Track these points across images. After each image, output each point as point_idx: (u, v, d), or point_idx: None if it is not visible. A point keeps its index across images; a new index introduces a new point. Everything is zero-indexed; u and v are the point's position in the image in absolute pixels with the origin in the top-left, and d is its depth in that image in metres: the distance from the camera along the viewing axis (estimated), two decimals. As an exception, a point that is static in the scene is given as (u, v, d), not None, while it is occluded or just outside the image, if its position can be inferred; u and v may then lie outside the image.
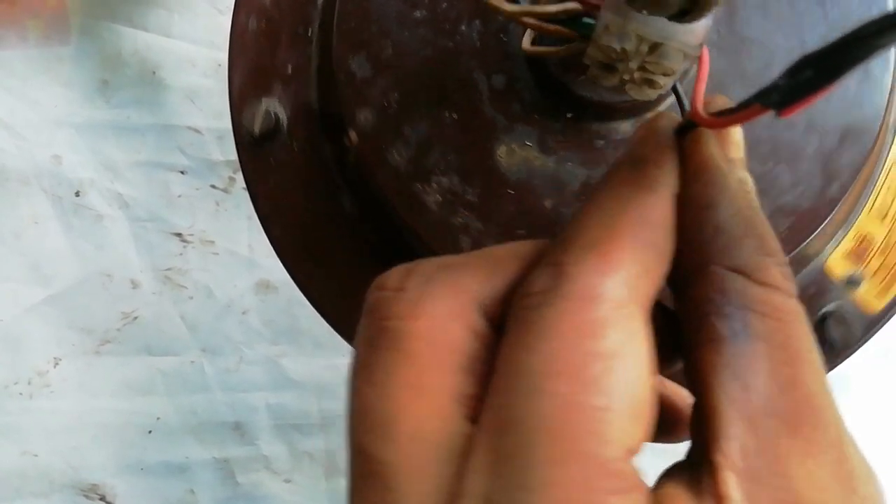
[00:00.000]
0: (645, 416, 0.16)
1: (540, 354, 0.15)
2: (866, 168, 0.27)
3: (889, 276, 0.29)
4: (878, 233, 0.29)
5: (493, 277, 0.18)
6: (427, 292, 0.17)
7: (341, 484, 0.47)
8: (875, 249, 0.29)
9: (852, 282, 0.29)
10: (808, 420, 0.16)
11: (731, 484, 0.15)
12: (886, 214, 0.29)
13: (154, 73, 0.47)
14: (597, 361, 0.15)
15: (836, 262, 0.29)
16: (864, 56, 0.13)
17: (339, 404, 0.46)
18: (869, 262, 0.29)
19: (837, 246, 0.29)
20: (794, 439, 0.15)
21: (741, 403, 0.16)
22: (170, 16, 0.47)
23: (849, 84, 0.25)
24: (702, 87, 0.18)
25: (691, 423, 0.17)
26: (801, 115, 0.21)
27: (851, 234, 0.29)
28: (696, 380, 0.17)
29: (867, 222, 0.29)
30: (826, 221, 0.26)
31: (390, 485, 0.16)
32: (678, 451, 0.18)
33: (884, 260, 0.29)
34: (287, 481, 0.47)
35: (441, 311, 0.17)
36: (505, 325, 0.17)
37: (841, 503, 0.15)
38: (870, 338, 0.28)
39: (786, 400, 0.16)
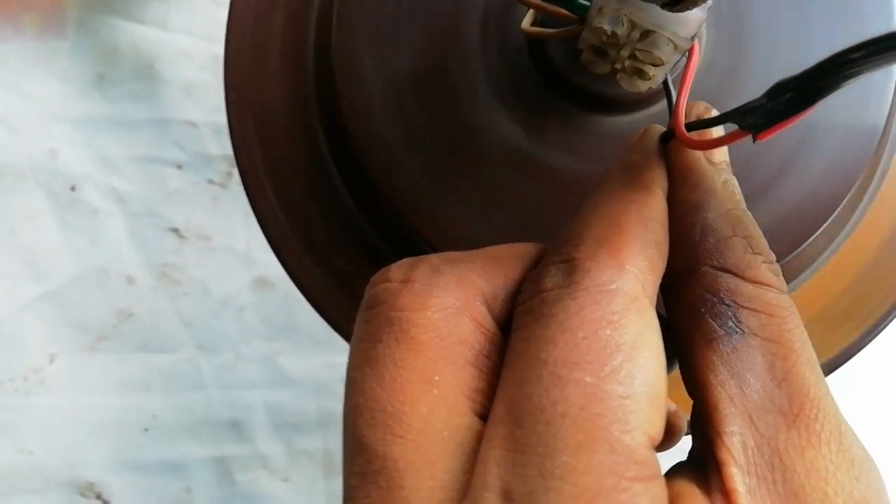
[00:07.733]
0: (663, 405, 0.16)
1: (562, 345, 0.15)
2: (870, 167, 0.26)
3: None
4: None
5: (495, 275, 0.18)
6: (434, 284, 0.17)
7: (339, 483, 0.46)
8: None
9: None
10: (805, 412, 0.16)
11: (738, 480, 0.16)
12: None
13: (151, 66, 0.46)
14: (618, 351, 0.15)
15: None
16: (843, 80, 0.14)
17: (336, 403, 0.46)
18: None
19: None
20: (792, 431, 0.16)
21: (740, 400, 0.16)
22: (167, 9, 0.47)
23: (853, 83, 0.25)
24: (683, 103, 0.19)
25: (691, 422, 0.18)
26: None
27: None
28: (695, 379, 0.17)
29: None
30: (829, 220, 0.26)
31: (398, 481, 0.15)
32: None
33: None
34: (284, 480, 0.46)
35: (449, 302, 0.17)
36: (514, 322, 0.17)
37: (844, 491, 0.16)
38: (875, 336, 0.28)
39: (782, 393, 0.16)
